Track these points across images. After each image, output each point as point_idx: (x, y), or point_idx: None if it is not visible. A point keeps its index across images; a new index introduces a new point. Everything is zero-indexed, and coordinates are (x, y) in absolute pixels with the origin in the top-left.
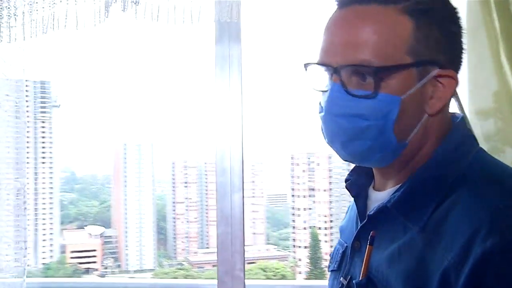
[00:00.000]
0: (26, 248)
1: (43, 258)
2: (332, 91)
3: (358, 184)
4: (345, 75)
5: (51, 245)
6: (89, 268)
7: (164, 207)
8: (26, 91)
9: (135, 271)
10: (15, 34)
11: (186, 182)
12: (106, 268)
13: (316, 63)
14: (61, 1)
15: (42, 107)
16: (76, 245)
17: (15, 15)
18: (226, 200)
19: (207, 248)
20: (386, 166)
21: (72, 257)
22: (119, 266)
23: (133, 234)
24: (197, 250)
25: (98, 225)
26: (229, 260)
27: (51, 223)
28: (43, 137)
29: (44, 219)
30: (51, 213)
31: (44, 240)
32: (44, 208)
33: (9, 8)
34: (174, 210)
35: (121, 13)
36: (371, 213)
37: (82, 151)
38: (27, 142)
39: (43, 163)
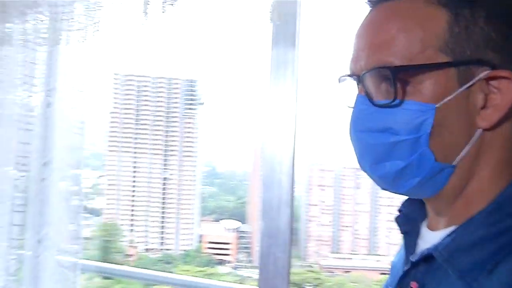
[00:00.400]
0: (81, 244)
1: (183, 245)
2: (356, 104)
3: (410, 218)
4: (371, 83)
5: (190, 234)
6: (222, 260)
7: (298, 208)
8: (176, 88)
9: None
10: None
11: (321, 185)
12: (239, 261)
13: (344, 75)
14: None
15: (189, 104)
16: (213, 237)
17: (72, 19)
18: (271, 217)
19: (339, 253)
20: (434, 197)
21: (208, 248)
22: (251, 261)
23: None
24: (328, 254)
25: (234, 219)
26: (271, 283)
27: (191, 214)
28: (188, 133)
29: (185, 209)
30: (192, 204)
31: (184, 229)
32: (186, 199)
33: (72, 12)
34: (307, 212)
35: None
36: (414, 259)
37: (224, 148)
38: (174, 136)
39: (188, 156)
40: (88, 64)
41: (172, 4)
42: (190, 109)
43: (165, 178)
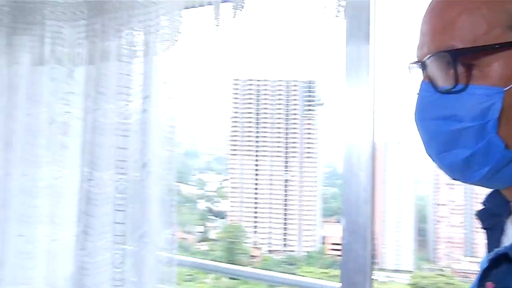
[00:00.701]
0: (174, 241)
1: (306, 246)
2: (420, 91)
3: (493, 213)
4: (435, 69)
5: (313, 235)
6: None
7: (425, 208)
8: (295, 91)
9: (392, 271)
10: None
11: (450, 184)
12: None
13: (412, 62)
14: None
15: (308, 106)
16: (335, 238)
17: (157, 31)
18: (351, 214)
19: (473, 256)
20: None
21: (331, 249)
22: (375, 263)
23: (391, 232)
24: (462, 258)
25: None
26: (352, 279)
27: (313, 215)
28: (308, 134)
29: (307, 210)
30: (314, 206)
31: (307, 230)
32: (308, 201)
33: (157, 24)
34: (435, 212)
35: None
36: (491, 257)
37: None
38: (294, 138)
39: (309, 158)
40: (178, 71)
41: (241, 9)
42: (309, 110)
43: (286, 180)
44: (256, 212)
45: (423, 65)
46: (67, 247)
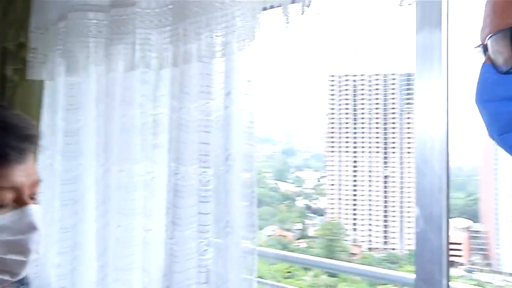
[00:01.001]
0: (255, 231)
1: (408, 244)
2: (481, 72)
3: None
4: (496, 49)
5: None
6: (453, 261)
7: None
8: (393, 84)
9: (510, 274)
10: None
11: None
12: (473, 264)
13: (475, 46)
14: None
15: (407, 99)
16: None
17: (233, 31)
18: (425, 204)
19: None
20: None
21: None
22: (488, 264)
23: (505, 232)
24: None
25: (465, 218)
26: (427, 269)
27: (415, 212)
28: (408, 128)
29: (408, 207)
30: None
31: (409, 228)
32: (409, 197)
33: (234, 26)
34: None
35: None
36: None
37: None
38: (393, 133)
39: (409, 153)
40: (259, 69)
41: (308, 6)
42: (408, 104)
43: (386, 176)
44: (355, 209)
45: (484, 47)
46: (158, 236)
